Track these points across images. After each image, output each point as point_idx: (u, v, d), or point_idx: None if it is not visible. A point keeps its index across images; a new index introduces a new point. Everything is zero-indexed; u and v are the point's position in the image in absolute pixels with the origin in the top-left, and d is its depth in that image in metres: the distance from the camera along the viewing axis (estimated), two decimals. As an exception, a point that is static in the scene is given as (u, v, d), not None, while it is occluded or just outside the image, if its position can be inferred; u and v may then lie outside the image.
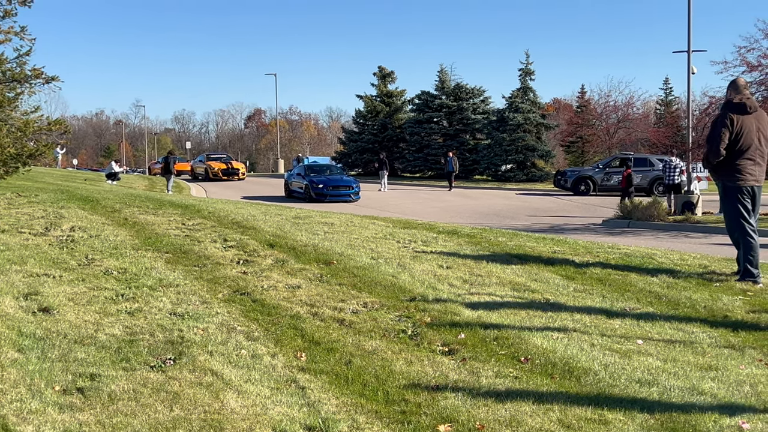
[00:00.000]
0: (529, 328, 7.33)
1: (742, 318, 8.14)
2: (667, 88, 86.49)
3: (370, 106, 66.09)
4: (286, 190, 37.63)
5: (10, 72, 21.92)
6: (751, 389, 5.84)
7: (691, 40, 31.60)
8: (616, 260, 11.34)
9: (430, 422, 5.00)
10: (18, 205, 15.73)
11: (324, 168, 38.86)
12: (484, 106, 62.04)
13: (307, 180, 34.64)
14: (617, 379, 5.93)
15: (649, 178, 41.48)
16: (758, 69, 26.12)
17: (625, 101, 64.26)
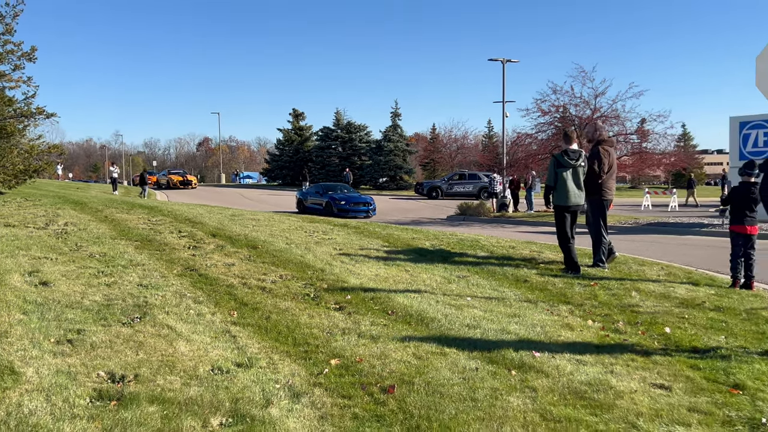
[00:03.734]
0: (395, 291, 7.40)
1: (536, 281, 8.43)
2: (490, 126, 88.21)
3: (287, 136, 65.75)
4: (299, 206, 29.27)
5: (20, 110, 21.82)
6: (541, 329, 6.06)
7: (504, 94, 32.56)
8: (454, 243, 11.56)
9: (325, 357, 5.01)
10: (26, 207, 14.96)
11: (336, 187, 30.64)
12: (367, 137, 62.37)
13: (327, 198, 27.32)
14: (453, 325, 6.06)
15: (479, 187, 42.55)
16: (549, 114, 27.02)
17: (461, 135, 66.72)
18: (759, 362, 5.22)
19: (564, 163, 9.19)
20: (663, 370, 4.99)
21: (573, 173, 9.21)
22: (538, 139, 28.63)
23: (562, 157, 9.23)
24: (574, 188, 9.24)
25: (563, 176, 9.18)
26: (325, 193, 28.45)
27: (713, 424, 4.01)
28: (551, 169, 9.33)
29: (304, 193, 30.60)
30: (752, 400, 4.39)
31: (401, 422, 3.89)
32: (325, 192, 28.64)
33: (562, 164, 9.19)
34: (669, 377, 4.83)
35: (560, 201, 9.31)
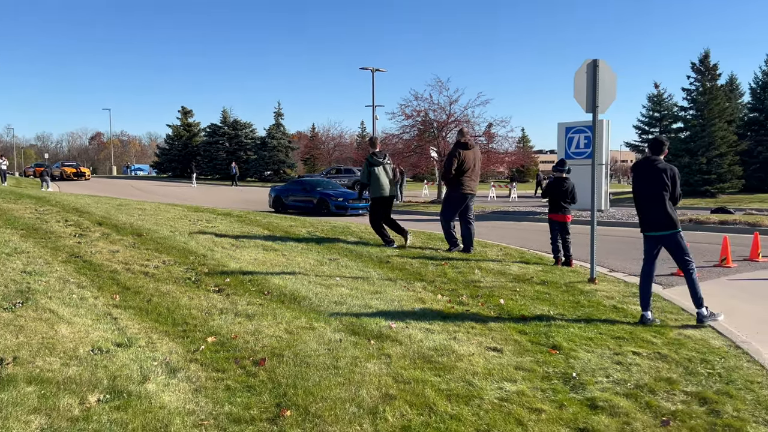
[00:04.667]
0: (271, 273, 7.30)
1: (396, 262, 8.60)
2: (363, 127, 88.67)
3: (176, 131, 62.94)
4: (276, 204, 23.47)
5: None
6: (398, 303, 6.19)
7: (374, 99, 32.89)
8: (327, 230, 11.57)
9: (202, 336, 4.87)
10: None
11: (321, 182, 24.53)
12: (252, 134, 60.98)
13: (318, 194, 22.07)
14: (322, 302, 6.07)
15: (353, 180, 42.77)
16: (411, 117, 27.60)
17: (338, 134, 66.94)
18: (573, 327, 5.61)
19: (375, 162, 9.95)
20: (496, 335, 5.25)
21: (383, 170, 10.03)
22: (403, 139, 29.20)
23: (372, 158, 9.98)
24: (386, 181, 10.06)
25: (376, 172, 9.94)
26: (313, 189, 22.91)
27: (534, 379, 4.27)
28: (365, 168, 9.99)
29: (282, 190, 24.29)
30: (566, 359, 4.72)
31: (270, 391, 3.85)
32: (313, 188, 23.04)
33: (373, 164, 9.94)
34: (501, 341, 5.08)
35: (376, 193, 10.08)
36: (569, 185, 9.20)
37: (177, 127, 63.33)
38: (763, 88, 37.46)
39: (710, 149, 33.40)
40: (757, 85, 37.99)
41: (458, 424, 3.48)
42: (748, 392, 4.14)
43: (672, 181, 6.08)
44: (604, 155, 20.89)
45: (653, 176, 6.14)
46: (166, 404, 3.61)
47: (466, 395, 3.89)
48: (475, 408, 3.71)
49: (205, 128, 62.20)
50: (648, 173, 6.20)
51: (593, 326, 5.65)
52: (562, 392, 4.04)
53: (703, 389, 4.16)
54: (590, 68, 7.50)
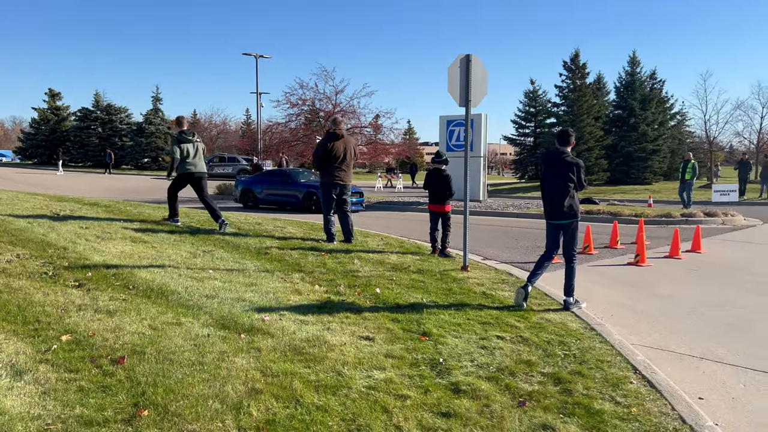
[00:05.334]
0: (139, 267, 6.93)
1: (275, 253, 8.46)
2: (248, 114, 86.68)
3: (43, 115, 58.09)
4: (244, 198, 20.50)
5: None
6: (273, 296, 6.09)
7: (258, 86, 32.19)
8: (204, 221, 11.16)
9: (56, 334, 4.52)
10: None
11: (301, 173, 20.87)
12: (128, 119, 57.61)
13: (305, 188, 18.96)
14: (192, 296, 5.84)
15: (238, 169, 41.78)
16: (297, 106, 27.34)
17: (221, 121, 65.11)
18: (444, 313, 5.78)
19: (183, 140, 10.05)
20: (370, 324, 5.30)
21: (194, 147, 10.14)
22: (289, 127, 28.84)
23: (181, 135, 10.09)
24: (195, 159, 10.17)
25: (184, 150, 10.04)
26: (296, 181, 19.61)
27: (403, 366, 4.35)
28: (173, 146, 10.09)
29: (252, 181, 20.79)
30: (435, 345, 4.85)
31: (128, 390, 3.64)
32: (294, 180, 19.66)
33: (182, 141, 10.05)
34: (374, 330, 5.14)
35: (182, 170, 10.15)
36: (447, 176, 9.45)
37: (44, 111, 58.54)
38: (626, 87, 40.52)
39: (579, 143, 35.68)
40: (621, 84, 41.04)
41: (324, 415, 3.47)
42: (598, 371, 4.46)
43: (578, 173, 6.48)
44: (483, 148, 21.73)
45: (561, 168, 6.48)
46: (7, 410, 3.33)
47: (334, 385, 3.90)
48: (343, 398, 3.72)
49: (76, 112, 58.03)
50: (556, 165, 6.53)
51: (463, 312, 5.86)
52: (429, 378, 4.14)
53: (559, 370, 4.43)
54: (463, 63, 7.74)
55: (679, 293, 7.69)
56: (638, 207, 19.81)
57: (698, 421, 3.67)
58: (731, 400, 4.30)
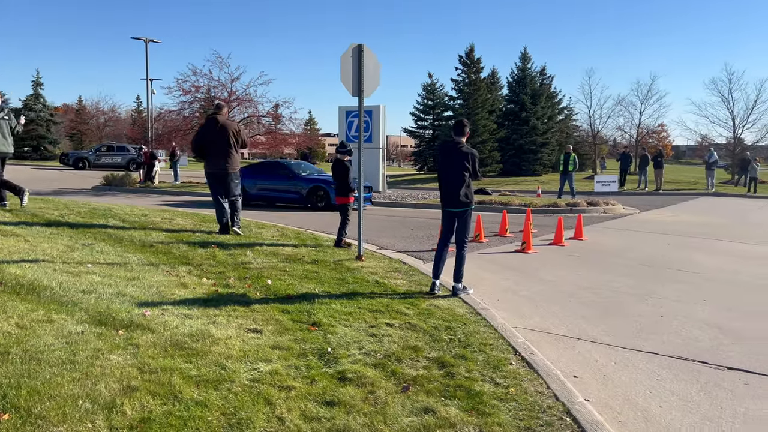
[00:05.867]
0: (8, 262, 6.42)
1: (161, 246, 8.12)
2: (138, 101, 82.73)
3: None
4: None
5: None
6: (157, 290, 5.84)
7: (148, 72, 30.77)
8: (85, 212, 10.55)
9: None
10: None
11: (299, 165, 18.97)
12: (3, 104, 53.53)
13: (311, 182, 16.99)
14: (67, 291, 5.48)
15: (127, 159, 39.93)
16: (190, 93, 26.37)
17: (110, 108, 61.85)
18: (336, 303, 5.77)
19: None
20: (258, 316, 5.20)
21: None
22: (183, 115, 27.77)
23: None
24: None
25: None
26: (295, 175, 17.50)
27: (290, 357, 4.30)
28: None
29: (242, 175, 17.19)
30: (324, 335, 4.83)
31: (-15, 395, 3.36)
32: (295, 174, 17.55)
33: None
34: (262, 322, 5.05)
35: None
36: (348, 168, 9.38)
37: None
38: (518, 82, 42.20)
39: (474, 136, 36.82)
40: (513, 79, 42.70)
41: (203, 410, 3.36)
42: (481, 354, 4.61)
43: (473, 163, 6.63)
44: (381, 139, 21.92)
45: (457, 158, 6.61)
46: None
47: (216, 379, 3.78)
48: (225, 392, 3.62)
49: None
50: (452, 155, 6.65)
51: (354, 302, 5.87)
52: (316, 368, 4.12)
53: (444, 354, 4.54)
54: (355, 53, 7.74)
55: (561, 278, 8.11)
56: (528, 197, 20.71)
57: (570, 398, 3.87)
58: (602, 377, 4.58)
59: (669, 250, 10.66)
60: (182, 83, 26.21)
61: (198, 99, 27.14)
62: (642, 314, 6.34)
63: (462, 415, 3.48)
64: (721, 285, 7.90)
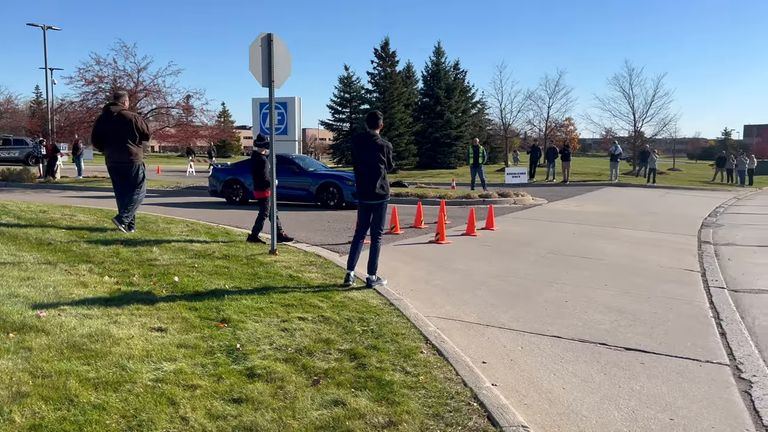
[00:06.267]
0: None
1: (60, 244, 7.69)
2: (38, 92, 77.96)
3: None
4: (232, 191, 16.43)
5: None
6: (54, 290, 5.52)
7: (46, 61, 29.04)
8: (-25, 210, 9.84)
9: None
10: None
11: (310, 160, 18.16)
12: None
13: (322, 178, 15.79)
14: (-49, 295, 5.09)
15: (26, 153, 37.53)
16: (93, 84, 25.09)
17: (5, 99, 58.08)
18: (247, 299, 5.65)
19: None
20: (164, 314, 5.01)
21: None
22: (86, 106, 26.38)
23: None
24: None
25: None
26: (303, 170, 16.12)
27: (197, 355, 4.17)
28: None
29: (237, 170, 16.75)
30: (234, 331, 4.71)
31: None
32: (302, 169, 16.16)
33: None
34: (168, 320, 4.87)
35: None
36: (264, 161, 9.15)
37: None
38: (432, 76, 42.86)
39: (391, 129, 37.11)
40: (428, 73, 43.32)
41: (101, 414, 3.20)
42: (393, 344, 4.63)
43: (387, 155, 6.65)
44: (297, 132, 21.66)
45: (372, 150, 6.60)
46: None
47: (116, 381, 3.61)
48: (125, 393, 3.46)
49: None
50: (367, 147, 6.63)
51: (266, 296, 5.77)
52: (224, 365, 4.01)
53: (356, 345, 4.53)
54: (265, 42, 7.58)
55: (472, 267, 8.30)
56: (443, 189, 21.08)
57: (478, 383, 3.96)
58: (510, 362, 4.71)
59: (574, 239, 11.13)
60: (85, 73, 24.89)
61: (102, 89, 25.83)
62: (548, 300, 6.59)
63: (372, 405, 3.48)
64: (621, 270, 8.33)
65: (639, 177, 32.92)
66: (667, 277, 8.01)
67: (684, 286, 7.53)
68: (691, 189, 28.07)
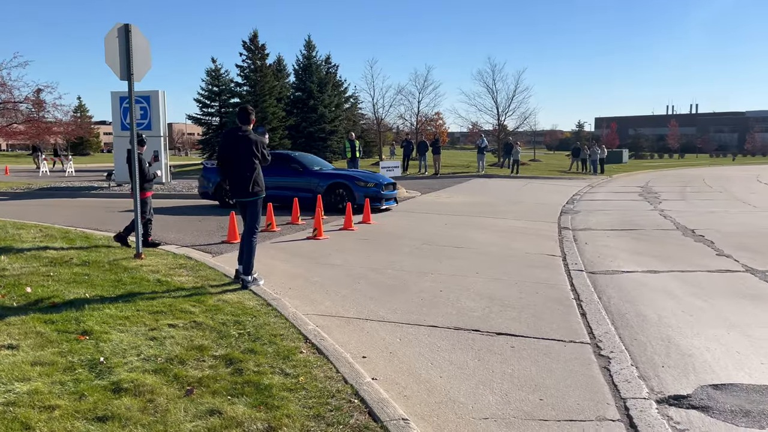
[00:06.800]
0: None
1: None
2: None
3: None
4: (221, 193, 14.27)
5: None
6: None
7: None
8: None
9: None
10: None
11: (314, 158, 16.27)
12: None
13: (330, 178, 14.19)
14: None
15: None
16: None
17: None
18: (110, 307, 5.28)
19: None
20: (15, 330, 4.56)
21: None
22: None
23: None
24: None
25: None
26: (307, 169, 14.50)
27: (55, 372, 3.83)
28: None
29: (209, 173, 14.89)
30: (96, 343, 4.38)
31: None
32: (306, 168, 14.51)
33: None
34: (19, 336, 4.44)
35: None
36: (141, 160, 8.54)
37: None
38: (304, 70, 42.53)
39: (264, 124, 36.40)
40: (299, 67, 42.93)
41: (-61, 450, 2.85)
42: (271, 346, 4.52)
43: (261, 150, 6.47)
44: (162, 127, 20.65)
45: (245, 146, 6.38)
46: None
47: (-43, 411, 3.23)
48: (-32, 423, 3.10)
49: None
50: (239, 143, 6.40)
51: (132, 304, 5.43)
52: (86, 381, 3.71)
53: (232, 350, 4.38)
54: (122, 33, 7.09)
55: (351, 261, 8.32)
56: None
57: (359, 379, 3.96)
58: (389, 354, 4.76)
59: (447, 229, 11.51)
60: None
61: None
62: (424, 290, 6.74)
63: (250, 412, 3.37)
64: (491, 258, 8.72)
65: (504, 168, 34.69)
66: (533, 263, 8.49)
67: (547, 270, 8.02)
68: (551, 178, 30.01)
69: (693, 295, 6.75)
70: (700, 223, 12.90)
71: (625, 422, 3.63)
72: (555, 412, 3.74)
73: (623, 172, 38.80)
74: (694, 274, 7.90)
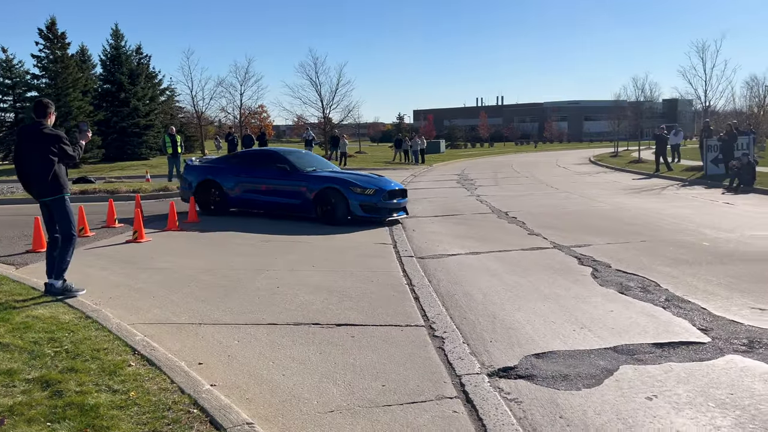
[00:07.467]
0: None
1: None
2: None
3: None
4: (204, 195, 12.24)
5: None
6: None
7: None
8: None
9: None
10: None
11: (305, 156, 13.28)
12: None
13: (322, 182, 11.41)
14: None
15: None
16: None
17: None
18: None
19: None
20: None
21: None
22: None
23: None
24: None
25: None
26: (296, 169, 12.05)
27: None
28: None
29: (214, 169, 12.79)
30: None
31: None
32: (295, 168, 12.08)
33: None
34: None
35: None
36: None
37: None
38: (112, 60, 39.58)
39: (68, 119, 33.34)
40: (107, 57, 39.87)
41: None
42: (95, 362, 4.14)
43: (60, 145, 5.94)
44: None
45: (42, 142, 5.90)
46: None
47: None
48: None
49: None
50: (36, 139, 5.92)
51: None
52: None
53: (48, 371, 3.94)
54: None
55: (179, 264, 7.90)
56: (136, 183, 19.73)
57: (196, 387, 3.76)
58: (228, 357, 4.58)
59: (282, 225, 11.37)
60: None
61: None
62: (260, 288, 6.59)
63: (75, 438, 3.05)
64: (327, 250, 8.77)
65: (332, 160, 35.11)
66: (367, 252, 8.68)
67: (381, 258, 8.24)
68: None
69: (512, 273, 7.33)
70: (512, 206, 14.07)
71: (461, 398, 3.83)
72: (397, 396, 3.84)
73: (441, 162, 41.10)
74: (511, 253, 8.59)
